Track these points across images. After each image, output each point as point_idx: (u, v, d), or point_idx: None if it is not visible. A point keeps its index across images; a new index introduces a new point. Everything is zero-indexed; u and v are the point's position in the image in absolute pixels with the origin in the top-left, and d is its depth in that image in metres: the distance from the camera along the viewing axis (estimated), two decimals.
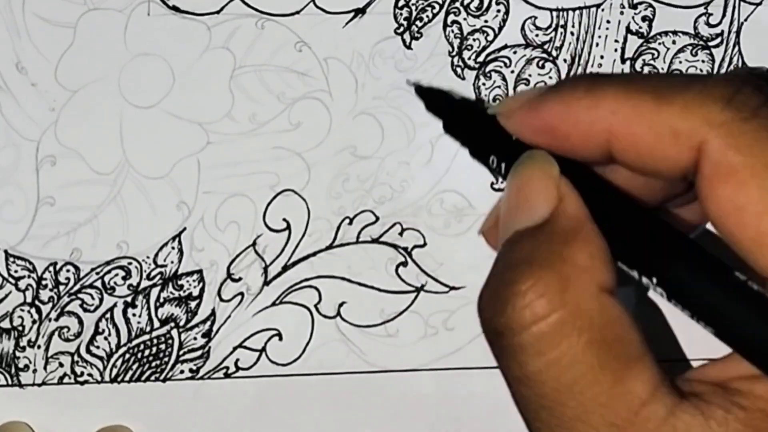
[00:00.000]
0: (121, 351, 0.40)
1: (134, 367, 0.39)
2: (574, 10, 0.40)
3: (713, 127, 0.27)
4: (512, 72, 0.40)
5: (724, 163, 0.26)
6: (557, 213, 0.29)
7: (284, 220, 0.40)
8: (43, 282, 0.40)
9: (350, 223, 0.40)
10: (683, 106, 0.27)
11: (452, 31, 0.41)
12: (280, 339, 0.40)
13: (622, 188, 0.31)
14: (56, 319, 0.40)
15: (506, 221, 0.30)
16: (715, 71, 0.40)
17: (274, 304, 0.40)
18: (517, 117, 0.30)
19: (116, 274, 0.40)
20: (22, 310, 0.40)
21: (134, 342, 0.40)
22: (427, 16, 0.41)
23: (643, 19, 0.40)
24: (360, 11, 0.41)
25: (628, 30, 0.40)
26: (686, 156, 0.27)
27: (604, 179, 0.30)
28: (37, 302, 0.40)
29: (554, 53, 0.40)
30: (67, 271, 0.40)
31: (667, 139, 0.27)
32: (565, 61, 0.40)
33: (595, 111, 0.28)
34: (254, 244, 0.40)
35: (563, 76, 0.40)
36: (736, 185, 0.26)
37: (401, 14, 0.41)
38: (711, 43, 0.40)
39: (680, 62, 0.40)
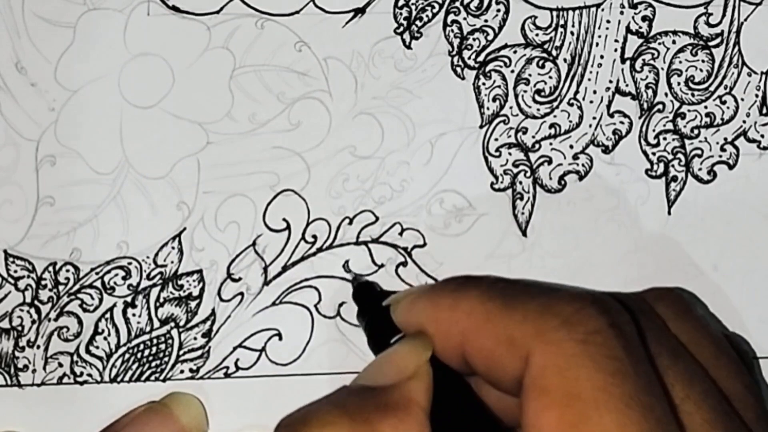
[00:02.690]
0: (120, 351, 0.40)
1: (134, 367, 0.39)
2: (574, 9, 0.40)
3: (542, 341, 0.27)
4: (512, 71, 0.40)
5: (540, 379, 0.27)
6: (397, 386, 0.29)
7: (284, 220, 0.40)
8: (43, 282, 0.40)
9: (350, 223, 0.40)
10: (523, 316, 0.28)
11: (452, 30, 0.41)
12: (280, 339, 0.39)
13: (484, 406, 0.31)
14: (56, 319, 0.40)
15: (359, 376, 0.31)
16: (715, 71, 0.40)
17: (274, 304, 0.40)
18: (398, 311, 0.33)
19: (116, 274, 0.40)
20: (22, 310, 0.40)
21: (134, 342, 0.40)
22: (427, 16, 0.41)
23: (643, 18, 0.40)
24: (360, 11, 0.41)
25: (628, 30, 0.40)
26: (518, 366, 0.28)
27: (467, 389, 0.31)
28: (36, 302, 0.40)
29: (554, 53, 0.40)
30: (67, 271, 0.40)
31: (504, 346, 0.28)
32: (565, 60, 0.40)
33: (454, 312, 0.30)
34: (254, 244, 0.40)
35: (563, 75, 0.40)
36: (543, 405, 0.26)
37: (401, 14, 0.41)
38: (711, 43, 0.40)
39: (680, 62, 0.40)
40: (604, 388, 0.26)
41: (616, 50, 0.40)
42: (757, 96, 0.40)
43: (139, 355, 0.39)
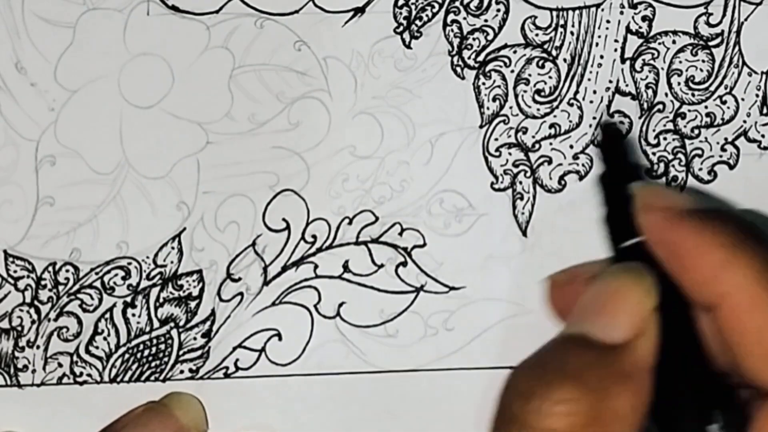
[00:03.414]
0: (120, 351, 0.40)
1: (134, 367, 0.39)
2: (573, 9, 0.40)
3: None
4: (512, 71, 0.40)
5: None
6: (628, 347, 0.29)
7: (284, 220, 0.40)
8: (42, 282, 0.40)
9: (350, 222, 0.40)
10: None
11: (452, 30, 0.40)
12: (280, 339, 0.39)
13: (706, 340, 0.30)
14: (55, 319, 0.40)
15: (581, 317, 0.30)
16: (715, 71, 0.40)
17: (273, 304, 0.40)
18: (651, 216, 0.31)
19: (116, 274, 0.40)
20: (21, 310, 0.40)
21: (134, 342, 0.40)
22: (427, 16, 0.41)
23: (643, 18, 0.40)
24: (359, 10, 0.41)
25: (628, 30, 0.40)
26: None
27: (694, 331, 0.30)
28: (36, 302, 0.40)
29: (554, 53, 0.40)
30: (67, 271, 0.40)
31: None
32: (564, 60, 0.40)
33: (723, 273, 0.29)
34: (254, 244, 0.40)
35: (563, 75, 0.40)
36: None
37: (401, 13, 0.41)
38: (711, 43, 0.40)
39: (680, 62, 0.40)
40: None
41: (616, 50, 0.40)
42: (757, 96, 0.40)
43: (138, 355, 0.39)
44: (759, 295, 0.28)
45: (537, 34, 0.40)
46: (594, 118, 0.40)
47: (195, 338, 0.40)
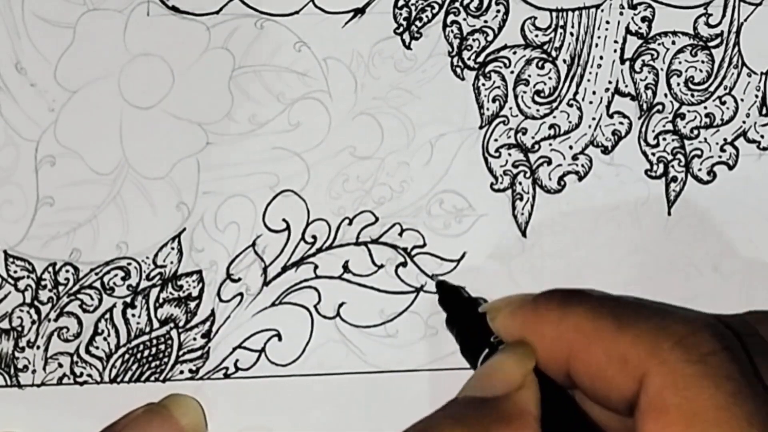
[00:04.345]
0: (120, 351, 0.40)
1: (134, 367, 0.39)
2: (573, 10, 0.40)
3: (657, 362, 0.27)
4: (512, 72, 0.40)
5: (657, 399, 0.27)
6: (508, 396, 0.29)
7: (284, 220, 0.40)
8: (43, 282, 0.40)
9: (350, 223, 0.40)
10: (636, 335, 0.28)
11: (452, 31, 0.41)
12: (280, 339, 0.39)
13: (590, 419, 0.31)
14: (55, 320, 0.40)
15: (465, 387, 0.31)
16: (714, 71, 0.40)
17: (273, 304, 0.40)
18: (499, 319, 0.32)
19: (116, 275, 0.40)
20: (22, 311, 0.40)
21: (134, 342, 0.40)
22: (427, 16, 0.41)
23: (643, 19, 0.40)
24: (359, 11, 0.41)
25: (628, 30, 0.40)
26: (630, 386, 0.28)
27: (572, 402, 0.31)
28: (36, 303, 0.40)
29: (554, 53, 0.40)
30: (67, 271, 0.40)
31: (616, 364, 0.28)
32: (564, 61, 0.40)
33: (561, 325, 0.30)
34: (254, 244, 0.40)
35: (563, 76, 0.40)
36: (663, 425, 0.27)
37: (401, 14, 0.41)
38: (711, 44, 0.40)
39: (680, 62, 0.40)
40: (726, 407, 0.26)
41: (615, 51, 0.40)
42: (756, 96, 0.40)
43: (138, 355, 0.39)
44: (597, 326, 0.29)
45: (537, 35, 0.40)
46: (593, 118, 0.40)
47: (195, 339, 0.40)
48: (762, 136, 0.40)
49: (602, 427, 0.31)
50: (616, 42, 0.40)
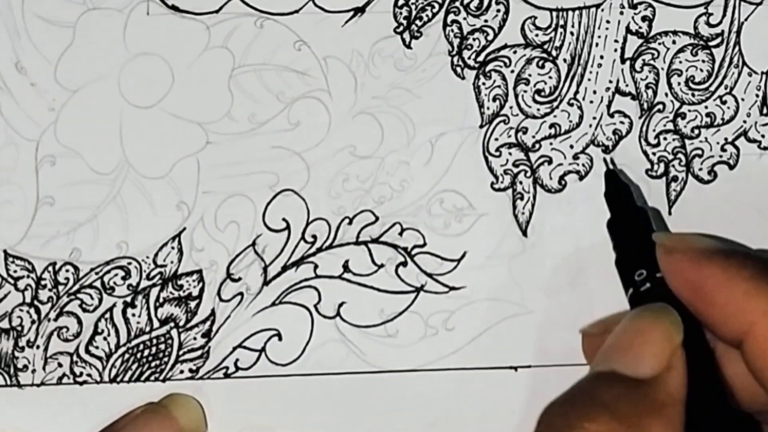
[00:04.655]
0: (120, 351, 0.40)
1: (134, 367, 0.39)
2: (573, 10, 0.40)
3: None
4: (512, 72, 0.40)
5: None
6: (658, 380, 0.29)
7: (284, 220, 0.40)
8: (42, 282, 0.40)
9: (350, 223, 0.40)
10: None
11: (452, 30, 0.40)
12: (280, 339, 0.39)
13: (728, 382, 0.31)
14: (55, 319, 0.40)
15: (610, 354, 0.30)
16: (715, 71, 0.40)
17: (273, 304, 0.40)
18: (674, 259, 0.31)
19: (116, 274, 0.40)
20: (21, 310, 0.40)
21: (134, 342, 0.40)
22: (427, 16, 0.41)
23: (643, 19, 0.40)
24: (359, 10, 0.41)
25: (628, 30, 0.40)
26: None
27: (717, 369, 0.31)
28: (36, 302, 0.40)
29: (554, 53, 0.40)
30: (67, 271, 0.40)
31: None
32: (564, 60, 0.40)
33: (750, 302, 0.29)
34: (254, 244, 0.40)
35: (563, 76, 0.40)
36: None
37: (401, 13, 0.41)
38: (711, 43, 0.40)
39: (680, 62, 0.40)
40: None
41: (616, 50, 0.40)
42: (757, 96, 0.40)
43: (138, 355, 0.39)
44: None
45: (537, 35, 0.40)
46: (594, 117, 0.40)
47: (195, 338, 0.40)
48: (763, 136, 0.40)
49: (741, 391, 0.31)
50: (616, 41, 0.40)
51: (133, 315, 0.40)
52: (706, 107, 0.40)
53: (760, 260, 0.30)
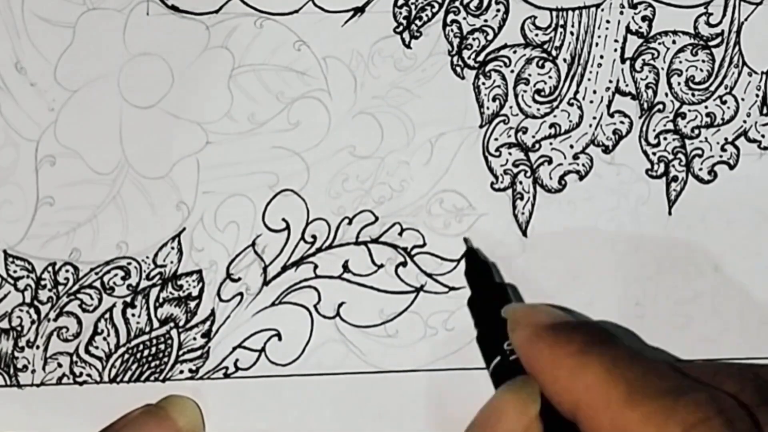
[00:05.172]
0: (120, 351, 0.40)
1: (133, 367, 0.39)
2: (573, 9, 0.40)
3: None
4: (512, 71, 0.40)
5: None
6: None
7: (283, 220, 0.40)
8: (42, 282, 0.40)
9: (350, 223, 0.40)
10: (645, 415, 0.28)
11: (452, 30, 0.40)
12: (280, 339, 0.39)
13: None
14: (55, 320, 0.40)
15: (470, 429, 0.31)
16: (715, 71, 0.40)
17: (273, 304, 0.40)
18: (516, 335, 0.33)
19: (115, 274, 0.40)
20: (21, 311, 0.40)
21: (133, 342, 0.40)
22: (427, 15, 0.40)
23: (643, 18, 0.40)
24: (359, 10, 0.41)
25: (628, 30, 0.40)
26: None
27: None
28: (35, 302, 0.40)
29: (554, 53, 0.40)
30: (66, 271, 0.40)
31: None
32: (564, 60, 0.40)
33: (573, 379, 0.30)
34: (253, 244, 0.40)
35: (563, 75, 0.40)
36: None
37: (400, 13, 0.41)
38: (711, 43, 0.40)
39: (680, 62, 0.40)
40: None
41: (615, 50, 0.40)
42: (757, 96, 0.40)
43: (138, 355, 0.39)
44: (607, 392, 0.29)
45: (537, 34, 0.40)
46: (594, 117, 0.40)
47: (195, 338, 0.40)
48: (763, 136, 0.40)
49: None
50: (616, 41, 0.40)
51: (133, 315, 0.40)
52: (706, 107, 0.40)
53: (589, 333, 0.31)
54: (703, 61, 0.40)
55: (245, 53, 0.40)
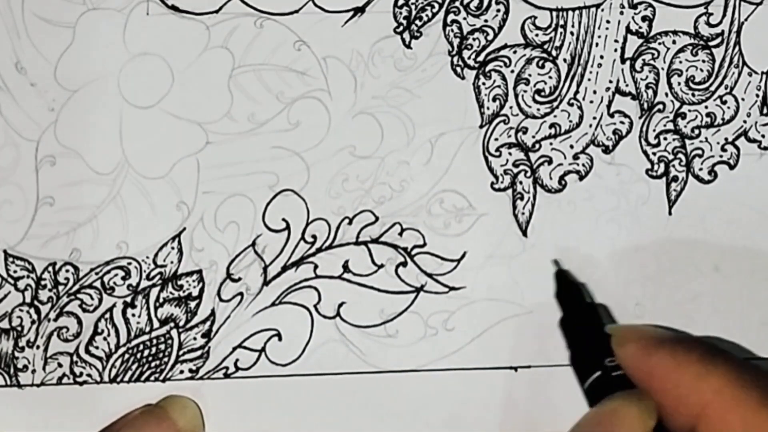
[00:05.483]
0: (120, 351, 0.40)
1: (134, 367, 0.39)
2: (573, 9, 0.40)
3: None
4: (512, 72, 0.40)
5: None
6: None
7: (283, 220, 0.40)
8: (42, 282, 0.40)
9: (350, 223, 0.40)
10: None
11: (452, 30, 0.40)
12: (280, 339, 0.39)
13: None
14: (55, 320, 0.40)
15: (584, 426, 0.30)
16: (715, 71, 0.40)
17: (273, 304, 0.40)
18: (627, 350, 0.32)
19: (116, 275, 0.40)
20: (21, 311, 0.40)
21: (134, 342, 0.40)
22: (427, 15, 0.40)
23: (643, 19, 0.40)
24: (359, 10, 0.41)
25: (628, 30, 0.40)
26: None
27: None
28: (36, 302, 0.40)
29: (554, 53, 0.40)
30: (67, 271, 0.40)
31: None
32: (564, 60, 0.40)
33: (699, 383, 0.29)
34: (254, 244, 0.40)
35: (563, 75, 0.40)
36: None
37: (401, 13, 0.41)
38: (711, 43, 0.40)
39: (680, 62, 0.40)
40: None
41: (616, 50, 0.40)
42: (757, 96, 0.40)
43: (138, 355, 0.39)
44: (740, 395, 0.29)
45: (537, 35, 0.40)
46: (594, 117, 0.40)
47: (195, 338, 0.40)
48: (763, 136, 0.40)
49: None
50: (616, 41, 0.40)
51: (133, 315, 0.40)
52: (706, 107, 0.40)
53: (707, 344, 0.31)
54: (704, 61, 0.40)
55: (245, 53, 0.40)
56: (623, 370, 0.33)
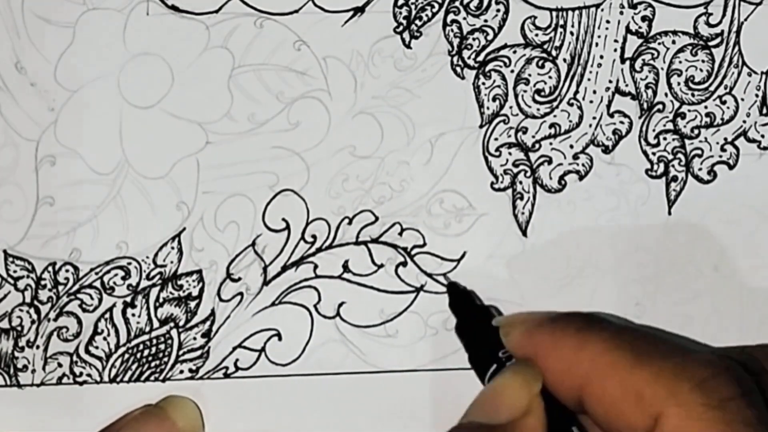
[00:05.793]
0: (120, 351, 0.40)
1: (133, 367, 0.39)
2: (573, 9, 0.40)
3: (675, 403, 0.27)
4: (512, 71, 0.40)
5: None
6: (514, 425, 0.30)
7: (283, 220, 0.40)
8: (42, 282, 0.40)
9: (350, 223, 0.40)
10: (655, 373, 0.28)
11: (452, 30, 0.40)
12: (280, 339, 0.39)
13: None
14: (55, 319, 0.40)
15: (470, 410, 0.31)
16: (715, 71, 0.40)
17: (273, 304, 0.40)
18: (513, 336, 0.32)
19: (115, 274, 0.40)
20: (21, 310, 0.40)
21: (133, 342, 0.40)
22: (427, 15, 0.40)
23: (643, 18, 0.40)
24: (359, 10, 0.41)
25: (628, 30, 0.40)
26: (644, 422, 0.28)
27: (580, 427, 0.31)
28: (36, 302, 0.40)
29: (554, 53, 0.40)
30: (66, 271, 0.40)
31: (631, 400, 0.28)
32: (564, 60, 0.40)
33: (579, 353, 0.30)
34: (253, 244, 0.40)
35: (563, 75, 0.40)
36: None
37: (400, 13, 0.41)
38: (711, 43, 0.40)
39: (680, 62, 0.40)
40: None
41: (615, 50, 0.40)
42: (757, 96, 0.40)
43: (138, 355, 0.39)
44: (615, 360, 0.29)
45: (537, 34, 0.40)
46: (594, 117, 0.40)
47: (195, 338, 0.40)
48: (762, 136, 0.40)
49: None
50: (616, 41, 0.40)
51: (133, 315, 0.40)
52: (705, 107, 0.40)
53: (584, 316, 0.31)
54: (703, 61, 0.40)
55: (245, 53, 0.40)
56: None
